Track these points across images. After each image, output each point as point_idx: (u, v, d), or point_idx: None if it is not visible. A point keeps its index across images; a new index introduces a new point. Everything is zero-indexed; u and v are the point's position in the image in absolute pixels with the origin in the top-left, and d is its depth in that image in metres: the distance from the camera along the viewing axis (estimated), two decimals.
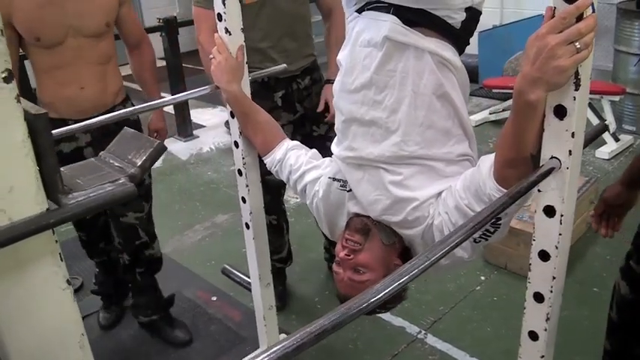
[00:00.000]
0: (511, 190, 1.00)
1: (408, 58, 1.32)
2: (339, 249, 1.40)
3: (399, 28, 1.32)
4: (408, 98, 1.32)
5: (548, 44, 0.95)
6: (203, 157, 4.76)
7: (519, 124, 1.06)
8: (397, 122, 1.34)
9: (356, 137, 1.42)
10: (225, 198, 3.94)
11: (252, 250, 2.07)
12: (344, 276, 1.38)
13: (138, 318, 2.61)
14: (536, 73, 0.97)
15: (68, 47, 2.09)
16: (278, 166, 1.68)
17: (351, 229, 1.41)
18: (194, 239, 3.45)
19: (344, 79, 1.44)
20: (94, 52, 2.17)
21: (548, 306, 1.22)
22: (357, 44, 1.40)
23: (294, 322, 2.64)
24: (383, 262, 1.38)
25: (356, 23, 1.43)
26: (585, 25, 0.93)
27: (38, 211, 0.67)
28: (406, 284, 0.80)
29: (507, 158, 1.12)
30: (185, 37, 7.36)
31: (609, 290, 2.68)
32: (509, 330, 2.50)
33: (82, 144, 2.23)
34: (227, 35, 1.73)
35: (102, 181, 0.68)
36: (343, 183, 1.48)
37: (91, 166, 0.73)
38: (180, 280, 3.02)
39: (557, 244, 1.13)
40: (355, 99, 1.40)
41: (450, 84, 1.34)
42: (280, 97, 2.45)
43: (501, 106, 4.85)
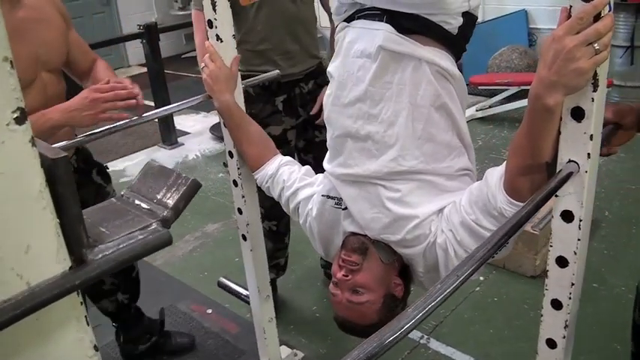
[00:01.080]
0: (533, 198, 0.96)
1: (405, 68, 1.27)
2: (335, 269, 1.34)
3: (394, 37, 1.27)
4: (405, 111, 1.27)
5: (566, 46, 0.91)
6: (189, 164, 4.67)
7: (536, 130, 1.02)
8: (394, 136, 1.28)
9: (351, 153, 1.35)
10: (214, 206, 3.87)
11: (249, 262, 2.02)
12: (342, 298, 1.32)
13: (137, 349, 2.47)
14: (554, 77, 0.93)
15: (39, 86, 1.85)
16: (270, 182, 1.62)
17: (347, 249, 1.35)
18: (185, 250, 3.38)
19: (337, 92, 1.37)
20: (60, 89, 1.97)
21: (566, 313, 1.18)
22: (349, 55, 1.34)
23: (292, 333, 2.58)
24: (382, 282, 1.33)
25: (346, 33, 1.37)
26: (603, 25, 0.90)
27: (60, 271, 0.57)
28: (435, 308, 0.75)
29: (522, 166, 1.08)
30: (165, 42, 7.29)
31: (609, 286, 2.68)
32: (512, 331, 2.48)
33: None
34: (218, 43, 1.67)
35: (131, 228, 0.59)
36: (338, 201, 1.42)
37: (114, 208, 0.64)
38: (173, 293, 2.95)
39: (576, 250, 1.10)
40: (349, 113, 1.34)
41: (449, 95, 1.29)
42: (282, 102, 2.38)
43: (488, 102, 4.84)
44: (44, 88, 1.84)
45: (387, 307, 1.33)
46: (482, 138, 4.44)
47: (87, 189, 2.07)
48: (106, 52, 7.62)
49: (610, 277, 2.71)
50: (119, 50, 7.91)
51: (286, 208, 1.62)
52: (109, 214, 0.63)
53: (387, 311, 1.33)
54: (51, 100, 1.88)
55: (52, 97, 1.88)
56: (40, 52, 1.82)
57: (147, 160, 4.35)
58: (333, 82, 1.41)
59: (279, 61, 2.29)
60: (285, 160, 1.64)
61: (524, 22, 5.40)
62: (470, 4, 1.28)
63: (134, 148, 5.04)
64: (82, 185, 2.04)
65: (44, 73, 1.85)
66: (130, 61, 8.04)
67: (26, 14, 1.77)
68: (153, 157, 4.84)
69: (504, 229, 0.88)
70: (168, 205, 0.65)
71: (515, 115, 4.80)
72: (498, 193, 1.14)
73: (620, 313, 2.49)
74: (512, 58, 5.02)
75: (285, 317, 2.68)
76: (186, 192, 0.66)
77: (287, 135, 2.39)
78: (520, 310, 2.59)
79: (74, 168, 2.02)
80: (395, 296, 1.35)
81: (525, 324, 2.49)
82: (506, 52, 5.09)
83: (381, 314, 1.32)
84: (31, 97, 1.80)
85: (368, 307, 1.32)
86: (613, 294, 2.62)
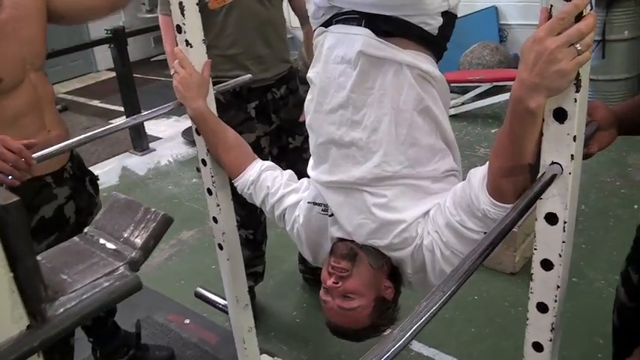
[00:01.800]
0: (517, 204, 0.93)
1: (386, 73, 1.24)
2: (325, 276, 1.33)
3: (374, 41, 1.24)
4: (388, 116, 1.25)
5: (548, 48, 0.88)
6: (162, 170, 4.59)
7: (518, 132, 1.00)
8: (378, 142, 1.27)
9: (336, 160, 1.34)
10: (188, 213, 3.80)
11: (226, 271, 1.97)
12: (333, 304, 1.31)
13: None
14: (536, 79, 0.91)
15: (28, 86, 1.77)
16: (252, 188, 1.57)
17: (336, 256, 1.33)
18: (160, 259, 3.31)
19: (318, 99, 1.35)
20: (49, 89, 1.90)
21: (552, 316, 1.16)
22: (329, 62, 1.31)
23: (273, 340, 2.54)
24: (373, 286, 1.32)
25: (325, 39, 1.34)
26: (585, 24, 0.87)
27: (17, 331, 0.50)
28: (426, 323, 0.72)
29: (505, 167, 1.06)
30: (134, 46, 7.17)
31: (588, 280, 2.69)
32: (493, 329, 2.47)
33: (62, 200, 1.91)
34: (188, 48, 1.62)
35: (95, 274, 0.53)
36: (324, 207, 1.40)
37: (76, 250, 0.58)
38: (149, 304, 2.88)
39: (561, 252, 1.08)
40: (332, 120, 1.32)
41: (431, 98, 1.27)
42: (254, 108, 2.33)
43: (460, 99, 4.84)
44: (34, 88, 1.79)
45: (378, 311, 1.33)
46: (455, 135, 4.33)
47: (82, 197, 2.01)
48: (74, 58, 7.49)
49: (589, 271, 2.72)
50: (87, 55, 7.77)
51: (271, 215, 1.58)
52: (72, 257, 0.57)
53: (378, 314, 1.34)
54: (43, 100, 1.83)
55: (43, 97, 1.83)
56: (26, 51, 1.76)
57: (118, 168, 4.26)
58: (314, 88, 1.38)
59: (250, 65, 2.24)
60: (266, 165, 1.60)
61: (495, 18, 5.42)
62: (449, 3, 1.26)
63: (105, 155, 4.94)
64: (78, 193, 1.98)
65: (32, 73, 1.79)
66: (99, 66, 7.90)
67: (8, 15, 1.71)
68: (124, 164, 4.75)
69: (489, 239, 0.86)
70: (137, 245, 0.59)
71: (488, 111, 4.81)
72: (481, 195, 1.12)
73: (601, 307, 2.50)
74: (484, 55, 5.03)
75: (265, 324, 2.64)
76: (156, 229, 0.60)
77: (260, 142, 2.33)
78: (500, 308, 2.58)
79: (70, 175, 1.95)
80: (386, 299, 1.35)
81: (506, 322, 2.49)
82: (477, 48, 5.10)
83: (373, 318, 1.33)
84: (22, 98, 1.75)
85: (359, 313, 1.31)
86: (593, 288, 2.63)
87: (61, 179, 1.89)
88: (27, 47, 1.76)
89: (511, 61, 5.16)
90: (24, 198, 1.65)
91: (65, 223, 1.90)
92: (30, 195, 1.77)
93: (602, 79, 4.25)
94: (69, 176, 1.94)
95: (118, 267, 0.55)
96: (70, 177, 1.94)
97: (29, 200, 1.78)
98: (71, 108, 6.39)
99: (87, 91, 7.07)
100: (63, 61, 7.13)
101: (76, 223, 1.97)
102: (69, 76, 7.59)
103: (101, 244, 0.58)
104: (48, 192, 1.84)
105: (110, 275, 0.53)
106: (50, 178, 1.85)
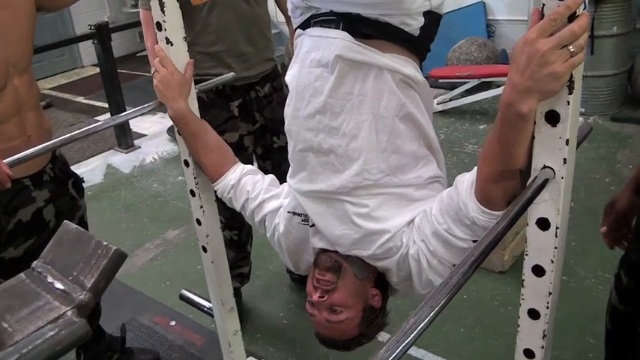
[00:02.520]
0: (508, 211, 0.90)
1: (365, 78, 1.20)
2: (310, 290, 1.30)
3: (353, 45, 1.19)
4: (367, 122, 1.20)
5: (540, 50, 0.85)
6: (147, 168, 4.52)
7: (508, 137, 0.96)
8: (358, 150, 1.22)
9: (315, 168, 1.29)
10: (174, 211, 3.74)
11: (211, 274, 1.92)
12: (320, 318, 1.28)
13: None
14: (528, 82, 0.87)
15: (11, 92, 1.69)
16: (232, 193, 1.53)
17: (321, 268, 1.30)
18: (145, 259, 3.25)
19: (295, 104, 1.30)
20: (33, 94, 1.82)
21: (544, 322, 1.13)
22: (305, 65, 1.26)
23: (260, 342, 2.50)
24: (359, 297, 1.29)
25: (302, 41, 1.29)
26: (579, 25, 0.84)
27: None
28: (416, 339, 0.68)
29: (494, 173, 1.02)
30: (119, 41, 7.08)
31: (579, 278, 2.66)
32: (483, 329, 2.44)
33: (41, 204, 1.85)
34: (169, 46, 1.57)
35: (39, 320, 0.48)
36: (304, 217, 1.35)
37: (21, 291, 0.52)
38: (134, 305, 2.83)
39: (553, 258, 1.04)
40: (310, 126, 1.27)
41: (413, 103, 1.22)
42: (237, 107, 2.27)
43: (448, 95, 4.81)
44: (16, 94, 1.70)
45: (367, 320, 1.32)
46: (444, 131, 4.41)
47: (63, 200, 1.94)
48: (59, 53, 7.40)
49: (579, 269, 2.70)
50: (72, 51, 7.67)
51: (251, 221, 1.54)
52: (16, 299, 0.51)
53: (367, 324, 1.32)
54: (25, 106, 1.74)
55: (25, 103, 1.74)
56: (11, 54, 1.67)
57: (103, 166, 4.19)
58: (290, 92, 1.33)
59: (233, 63, 2.19)
60: (247, 169, 1.55)
61: (482, 13, 5.39)
62: (432, 3, 1.21)
63: (89, 153, 4.87)
64: (58, 196, 1.92)
65: (16, 77, 1.70)
66: (84, 62, 7.80)
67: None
68: (109, 162, 4.68)
69: (479, 249, 0.82)
70: (86, 286, 0.53)
71: (476, 107, 4.79)
72: (469, 202, 1.09)
73: (591, 306, 2.48)
74: (472, 50, 5.00)
75: (252, 326, 2.60)
76: (108, 267, 0.55)
77: (244, 141, 2.28)
78: (490, 307, 2.56)
79: (50, 177, 1.89)
80: (374, 307, 1.33)
81: (496, 321, 2.47)
82: (465, 44, 5.07)
83: (362, 328, 1.31)
84: (4, 105, 1.67)
85: (347, 324, 1.29)
86: (583, 286, 2.61)
87: (40, 182, 1.83)
88: (12, 50, 1.68)
89: (499, 57, 5.14)
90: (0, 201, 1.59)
91: (44, 226, 1.84)
92: (6, 198, 1.71)
93: (591, 75, 4.22)
94: (49, 179, 1.87)
95: (64, 312, 0.49)
96: (50, 179, 1.88)
97: (6, 203, 1.72)
98: (56, 104, 6.30)
99: (72, 87, 6.98)
100: (48, 57, 7.03)
101: (57, 226, 1.91)
102: (54, 71, 7.49)
103: (49, 282, 0.53)
104: (26, 195, 1.78)
105: (56, 322, 0.48)
106: (28, 181, 1.79)
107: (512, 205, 0.91)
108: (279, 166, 2.37)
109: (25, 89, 1.73)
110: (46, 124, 1.87)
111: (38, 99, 1.86)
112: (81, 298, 0.51)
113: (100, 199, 4.07)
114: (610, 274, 2.64)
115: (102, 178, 4.42)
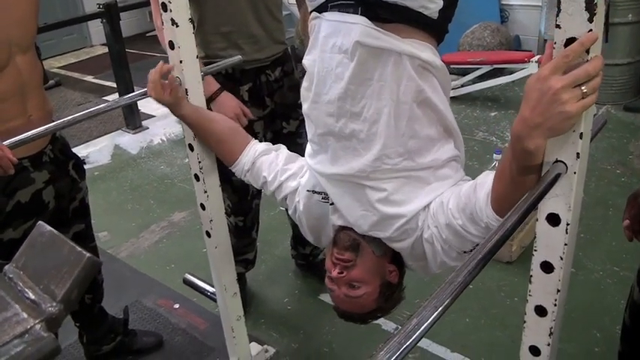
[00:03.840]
0: (518, 207, 0.87)
1: (385, 64, 1.20)
2: (330, 266, 1.35)
3: (371, 31, 1.19)
4: (387, 108, 1.22)
5: (552, 87, 0.83)
6: (154, 149, 4.50)
7: (517, 167, 0.97)
8: (378, 134, 1.25)
9: (336, 152, 1.32)
10: (181, 194, 3.72)
11: (215, 259, 1.91)
12: (339, 293, 1.34)
13: (101, 349, 2.35)
14: (538, 119, 0.86)
15: (12, 72, 1.65)
16: (248, 176, 1.56)
17: (339, 247, 1.35)
18: (151, 241, 3.24)
19: (317, 89, 1.31)
20: (36, 74, 1.79)
21: (551, 320, 1.10)
22: (326, 50, 1.26)
23: (263, 327, 2.49)
24: (377, 273, 1.35)
25: (320, 25, 1.28)
26: (593, 66, 0.82)
27: None
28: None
29: (505, 190, 1.05)
30: (129, 20, 7.03)
31: (587, 270, 2.62)
32: (488, 319, 2.42)
33: (40, 185, 1.82)
34: (174, 27, 1.54)
35: (5, 334, 0.45)
36: (324, 196, 1.40)
37: None
38: (138, 287, 2.83)
39: (563, 255, 1.02)
40: (331, 111, 1.29)
41: (431, 88, 1.23)
42: (247, 91, 2.23)
43: (459, 81, 4.75)
44: (18, 73, 1.68)
45: (384, 295, 1.37)
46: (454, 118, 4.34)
47: (63, 182, 1.92)
48: (68, 32, 7.35)
49: (588, 262, 2.66)
50: (82, 30, 7.63)
51: (273, 198, 1.58)
52: None
53: (385, 298, 1.38)
54: (28, 85, 1.72)
55: (28, 82, 1.72)
56: (13, 33, 1.64)
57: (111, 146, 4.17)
58: (309, 76, 1.34)
59: (243, 45, 2.14)
60: (259, 150, 1.56)
61: None
62: None
63: (97, 133, 4.85)
64: (58, 177, 1.90)
65: (18, 57, 1.67)
66: (93, 41, 7.76)
67: None
68: (117, 143, 4.66)
69: (487, 247, 0.79)
70: (57, 296, 0.49)
71: (488, 94, 4.73)
72: (487, 209, 1.12)
73: (599, 299, 2.46)
74: (484, 36, 4.93)
75: (256, 311, 2.59)
76: (80, 276, 0.51)
77: (254, 127, 2.25)
78: (496, 297, 2.53)
79: (50, 158, 1.86)
80: (391, 283, 1.38)
81: (501, 312, 2.44)
82: (477, 29, 4.99)
83: (380, 302, 1.37)
84: (4, 84, 1.64)
85: (366, 299, 1.35)
86: (591, 279, 2.57)
87: (39, 163, 1.81)
88: (15, 29, 1.65)
89: (512, 43, 5.06)
90: None
91: (44, 208, 1.83)
92: (5, 179, 1.69)
93: (606, 64, 4.15)
94: (49, 160, 1.85)
95: (33, 326, 0.46)
96: (49, 161, 1.85)
97: (4, 184, 1.70)
98: (65, 83, 6.28)
99: (81, 67, 6.95)
100: (57, 35, 7.00)
101: (57, 208, 1.89)
102: (63, 50, 7.46)
103: (19, 290, 0.50)
104: (25, 176, 1.76)
105: (22, 337, 0.45)
106: (27, 162, 1.76)
107: (523, 201, 0.88)
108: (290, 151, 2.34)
109: (27, 68, 1.71)
110: (47, 105, 1.84)
111: (41, 79, 1.83)
112: (51, 310, 0.48)
113: (106, 180, 4.06)
114: (618, 268, 2.63)
115: (109, 159, 4.40)
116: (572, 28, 0.82)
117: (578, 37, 0.82)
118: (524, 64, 4.37)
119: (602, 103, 4.24)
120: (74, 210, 2.01)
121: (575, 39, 0.82)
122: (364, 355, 2.32)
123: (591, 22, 0.81)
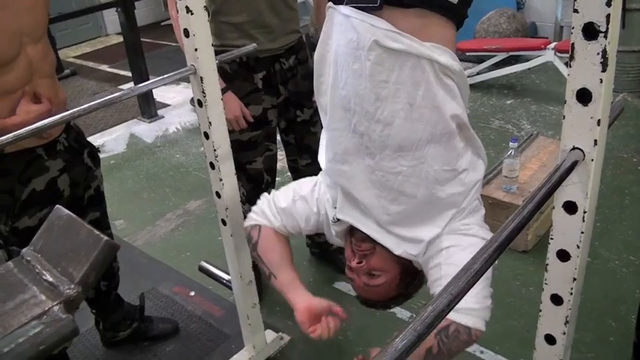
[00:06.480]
0: (534, 194, 0.86)
1: (402, 66, 1.18)
2: (349, 255, 1.38)
3: (390, 33, 1.17)
4: (403, 112, 1.21)
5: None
6: (170, 138, 4.53)
7: None
8: (392, 136, 1.24)
9: (348, 149, 1.32)
10: (196, 182, 3.74)
11: (230, 247, 1.92)
12: (359, 282, 1.37)
13: (118, 336, 2.39)
14: None
15: (23, 62, 1.64)
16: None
17: (357, 238, 1.37)
18: (166, 229, 3.27)
19: (334, 82, 1.29)
20: (48, 63, 1.77)
21: (567, 309, 1.10)
22: (342, 45, 1.24)
23: (278, 314, 2.50)
24: (396, 261, 1.36)
25: (336, 17, 1.25)
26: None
27: None
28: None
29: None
30: (144, 9, 7.05)
31: (603, 259, 2.59)
32: (503, 309, 2.41)
33: (55, 173, 1.83)
34: (189, 15, 1.54)
35: (24, 315, 0.45)
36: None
37: (8, 282, 0.49)
38: (154, 275, 2.85)
39: (579, 244, 1.01)
40: (346, 106, 1.28)
41: (450, 93, 1.22)
42: (261, 79, 2.23)
43: (476, 69, 4.71)
44: (29, 64, 1.66)
45: (404, 282, 1.40)
46: (470, 106, 4.31)
47: (78, 169, 1.94)
48: (83, 22, 7.39)
49: (603, 251, 2.64)
50: (96, 19, 7.67)
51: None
52: (2, 290, 0.48)
53: (406, 285, 1.41)
54: (38, 76, 1.70)
55: (38, 72, 1.70)
56: (24, 23, 1.63)
57: (126, 135, 4.19)
58: (326, 68, 1.33)
59: (257, 35, 2.14)
60: (278, 224, 1.61)
61: None
62: None
63: (112, 121, 4.88)
64: (73, 165, 1.91)
65: (30, 46, 1.66)
66: (108, 30, 7.80)
67: None
68: (132, 131, 4.69)
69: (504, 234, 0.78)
70: (75, 278, 0.50)
71: (503, 81, 4.68)
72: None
73: (614, 288, 2.44)
74: (501, 22, 4.88)
75: (271, 298, 2.60)
76: (98, 258, 0.51)
77: (267, 114, 2.25)
78: (511, 287, 2.52)
79: (64, 147, 1.88)
80: (410, 269, 1.40)
81: (517, 301, 2.43)
82: (494, 16, 4.94)
83: (400, 289, 1.41)
84: (14, 75, 1.63)
85: (386, 287, 1.38)
86: (607, 268, 2.55)
87: (54, 151, 1.82)
88: (25, 18, 1.63)
89: (528, 30, 5.00)
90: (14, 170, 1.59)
91: (59, 196, 1.84)
92: (20, 167, 1.71)
93: (622, 50, 4.08)
94: (63, 148, 1.86)
95: (51, 307, 0.47)
96: (64, 149, 1.86)
97: (19, 173, 1.72)
98: (80, 72, 6.32)
99: (96, 56, 6.99)
100: (72, 25, 7.04)
101: (72, 196, 1.91)
102: (78, 39, 7.51)
103: (36, 273, 0.50)
104: (39, 164, 1.77)
105: (40, 319, 0.45)
106: (42, 150, 1.77)
107: (539, 188, 0.87)
108: (302, 139, 2.33)
109: (38, 59, 1.69)
110: (60, 95, 1.85)
111: (53, 68, 1.83)
112: (69, 293, 0.49)
113: (122, 169, 4.09)
114: (634, 257, 2.61)
115: (125, 148, 4.43)
116: (591, 13, 0.81)
117: (596, 21, 0.81)
118: (541, 51, 4.32)
119: (618, 91, 4.18)
120: (89, 198, 2.03)
121: (593, 24, 0.81)
122: (379, 342, 2.32)
123: (609, 6, 0.79)
